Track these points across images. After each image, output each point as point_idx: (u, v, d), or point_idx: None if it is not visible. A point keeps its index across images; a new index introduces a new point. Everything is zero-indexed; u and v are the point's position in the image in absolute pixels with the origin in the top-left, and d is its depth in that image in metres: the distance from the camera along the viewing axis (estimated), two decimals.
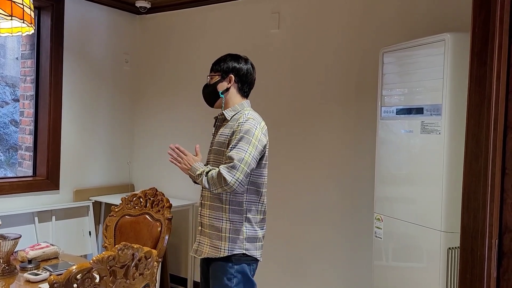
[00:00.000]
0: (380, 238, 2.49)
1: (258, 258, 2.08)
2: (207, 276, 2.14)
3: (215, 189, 1.96)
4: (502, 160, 1.48)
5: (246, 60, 2.20)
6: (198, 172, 2.01)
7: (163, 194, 2.53)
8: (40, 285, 1.94)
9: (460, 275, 1.54)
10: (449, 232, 2.10)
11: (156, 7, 3.93)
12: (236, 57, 2.17)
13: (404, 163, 2.37)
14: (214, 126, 2.22)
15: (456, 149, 2.06)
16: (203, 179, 1.98)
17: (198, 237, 2.14)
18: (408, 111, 2.33)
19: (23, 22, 1.82)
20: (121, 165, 4.09)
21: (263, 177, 2.09)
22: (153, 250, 1.57)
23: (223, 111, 2.12)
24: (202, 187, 2.09)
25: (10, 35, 2.04)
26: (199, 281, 3.43)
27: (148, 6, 3.89)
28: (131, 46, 4.12)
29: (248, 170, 1.94)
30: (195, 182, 2.17)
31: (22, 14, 1.79)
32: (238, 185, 1.92)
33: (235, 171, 1.90)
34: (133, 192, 2.66)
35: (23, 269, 2.11)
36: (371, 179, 2.73)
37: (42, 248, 2.29)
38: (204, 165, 2.10)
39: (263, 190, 2.10)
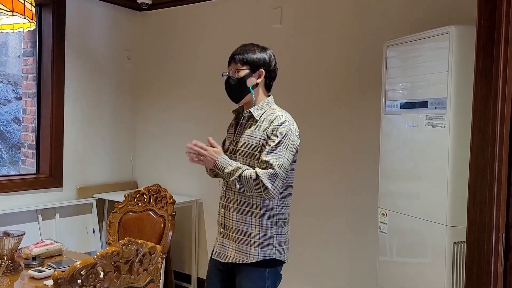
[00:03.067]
0: (385, 233, 2.48)
1: (285, 261, 2.01)
2: (223, 277, 2.05)
3: (248, 192, 1.88)
4: (509, 153, 1.47)
5: (271, 52, 2.05)
6: (227, 170, 1.88)
7: (166, 191, 2.53)
8: (44, 282, 1.94)
9: (467, 269, 1.53)
10: (455, 227, 2.09)
11: (158, 3, 3.92)
12: (263, 49, 2.02)
13: (408, 157, 2.35)
14: (235, 122, 2.07)
15: (462, 143, 2.04)
16: (235, 179, 1.86)
17: (220, 239, 2.01)
18: (413, 105, 2.31)
19: (25, 18, 1.81)
20: (124, 162, 4.09)
21: (292, 179, 2.01)
22: (157, 246, 1.56)
23: (251, 110, 1.98)
24: (226, 187, 2.00)
25: (12, 31, 2.04)
26: (203, 277, 3.41)
27: (150, 2, 3.88)
28: (133, 42, 4.11)
29: (285, 176, 1.89)
30: (215, 176, 2.06)
31: (23, 9, 1.78)
32: (277, 192, 1.86)
33: (276, 178, 1.83)
34: (137, 189, 2.65)
35: (27, 266, 2.11)
36: (375, 173, 2.71)
37: (46, 245, 2.29)
38: None
39: (292, 192, 2.03)
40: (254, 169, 1.88)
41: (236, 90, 2.00)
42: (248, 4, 3.47)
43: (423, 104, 2.24)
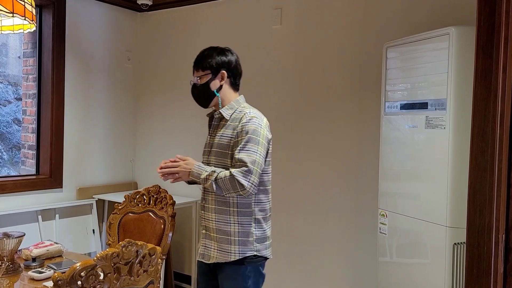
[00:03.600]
0: (384, 234, 2.48)
1: (268, 257, 2.04)
2: (209, 277, 2.08)
3: (227, 193, 1.90)
4: (509, 154, 1.46)
5: (231, 52, 2.07)
6: (203, 176, 1.91)
7: (166, 191, 2.52)
8: (44, 283, 1.94)
9: (467, 270, 1.53)
10: (455, 228, 2.09)
11: (158, 4, 3.92)
12: (221, 50, 2.04)
13: (408, 158, 2.35)
14: (209, 125, 2.12)
15: (461, 144, 2.04)
16: (212, 183, 1.89)
17: (203, 241, 2.05)
18: (412, 106, 2.31)
19: (25, 19, 1.81)
20: (124, 163, 4.09)
21: (268, 174, 2.03)
22: (157, 247, 1.56)
23: (220, 110, 2.02)
24: (204, 189, 2.03)
25: (12, 32, 2.04)
26: None
27: (150, 3, 3.88)
28: (133, 43, 4.11)
29: (260, 171, 1.90)
30: (189, 183, 2.10)
31: (23, 11, 1.78)
32: (254, 188, 1.88)
33: (251, 175, 1.85)
34: (136, 190, 2.65)
35: (27, 267, 2.10)
36: (375, 174, 2.71)
37: (46, 246, 2.29)
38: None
39: (269, 187, 2.05)
40: (229, 169, 1.90)
41: (202, 96, 2.05)
42: (248, 5, 3.47)
43: (423, 105, 2.24)
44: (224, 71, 2.02)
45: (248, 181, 1.85)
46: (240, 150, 1.89)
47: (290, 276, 3.29)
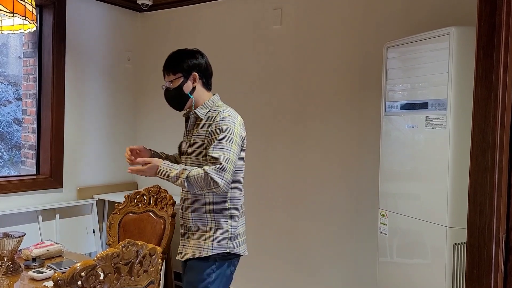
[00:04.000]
0: (385, 234, 2.48)
1: (242, 254, 2.05)
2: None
3: (199, 190, 1.92)
4: (509, 154, 1.46)
5: (200, 53, 2.09)
6: (172, 174, 1.91)
7: (166, 192, 2.52)
8: (44, 283, 1.94)
9: (467, 271, 1.52)
10: (455, 228, 2.09)
11: (158, 4, 3.92)
12: (190, 53, 2.06)
13: (409, 158, 2.35)
14: (185, 125, 2.14)
15: (462, 144, 2.04)
16: (183, 181, 1.89)
17: (181, 240, 2.07)
18: (413, 106, 2.31)
19: (25, 19, 1.81)
20: (124, 163, 4.03)
21: (242, 171, 2.05)
22: (158, 247, 1.56)
23: (195, 110, 2.04)
24: (183, 189, 2.04)
25: (12, 32, 2.04)
26: None
27: (150, 3, 3.88)
28: (133, 43, 4.11)
29: (233, 169, 1.92)
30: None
31: (24, 11, 1.79)
32: (228, 186, 1.90)
33: (224, 172, 1.87)
34: (137, 190, 2.65)
35: (28, 267, 2.10)
36: (375, 174, 2.71)
37: (46, 246, 2.29)
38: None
39: (242, 184, 2.07)
40: (202, 167, 1.91)
41: (176, 99, 2.06)
42: (249, 5, 3.47)
43: (423, 105, 2.24)
44: (195, 73, 2.03)
45: (222, 179, 1.87)
46: (214, 148, 1.91)
47: (290, 275, 3.29)
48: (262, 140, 3.38)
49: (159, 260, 1.59)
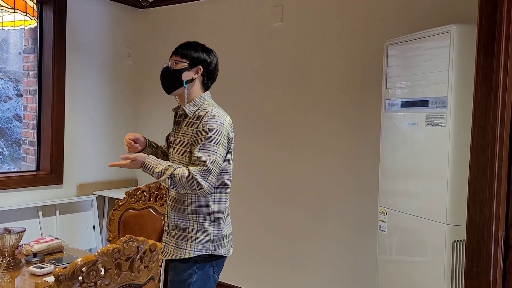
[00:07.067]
0: (384, 231, 2.48)
1: (225, 255, 2.00)
2: None
3: (182, 190, 1.87)
4: (509, 152, 1.47)
5: (214, 54, 2.05)
6: (157, 170, 1.86)
7: (167, 188, 2.53)
8: (45, 279, 1.95)
9: (466, 268, 1.53)
10: (454, 225, 2.10)
11: (159, 1, 3.91)
12: (207, 50, 2.03)
13: (409, 156, 2.36)
14: (173, 121, 2.08)
15: (462, 142, 2.04)
16: (167, 178, 1.85)
17: (164, 237, 2.03)
18: (413, 103, 2.32)
19: (26, 15, 1.81)
20: None
21: (229, 173, 1.99)
22: (158, 243, 1.56)
23: (184, 107, 1.98)
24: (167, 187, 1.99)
25: (13, 28, 2.04)
26: None
27: (151, 0, 3.87)
28: (134, 40, 4.11)
29: (218, 171, 1.88)
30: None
31: (24, 7, 1.79)
32: (211, 188, 1.86)
33: (209, 174, 1.82)
34: (137, 186, 2.65)
35: (28, 263, 2.11)
36: (375, 172, 2.72)
37: (46, 241, 2.30)
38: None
39: (229, 186, 2.02)
40: (187, 166, 1.87)
41: (169, 81, 2.02)
42: (250, 2, 3.47)
43: (424, 103, 2.24)
44: (201, 67, 1.99)
45: (206, 181, 1.82)
46: (200, 149, 1.86)
47: (290, 274, 3.30)
48: (261, 137, 3.38)
49: (160, 256, 1.59)
